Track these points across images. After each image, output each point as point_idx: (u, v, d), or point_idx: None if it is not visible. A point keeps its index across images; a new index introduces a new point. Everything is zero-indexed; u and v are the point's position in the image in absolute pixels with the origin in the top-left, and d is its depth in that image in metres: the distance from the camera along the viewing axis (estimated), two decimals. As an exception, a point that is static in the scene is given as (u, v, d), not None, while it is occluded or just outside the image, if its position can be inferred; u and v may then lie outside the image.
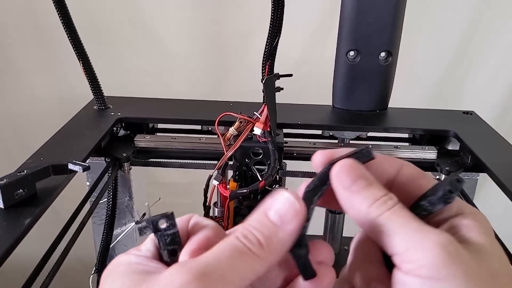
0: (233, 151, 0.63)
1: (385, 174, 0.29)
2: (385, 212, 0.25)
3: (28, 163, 0.55)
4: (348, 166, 0.27)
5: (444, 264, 0.23)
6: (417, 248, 0.24)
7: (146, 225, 0.24)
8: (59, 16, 0.64)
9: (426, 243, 0.24)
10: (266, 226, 0.24)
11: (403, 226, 0.25)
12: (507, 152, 0.65)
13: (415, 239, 0.24)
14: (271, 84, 0.63)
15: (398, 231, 0.25)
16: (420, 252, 0.24)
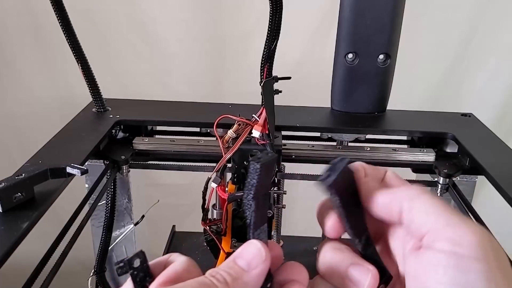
0: (232, 153, 0.63)
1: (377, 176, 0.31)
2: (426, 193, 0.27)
3: (26, 167, 0.55)
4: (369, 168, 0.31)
5: (483, 245, 0.24)
6: (458, 225, 0.25)
7: (123, 265, 0.26)
8: (57, 18, 0.64)
9: (466, 224, 0.25)
10: (234, 269, 0.27)
11: (444, 206, 0.26)
12: (505, 155, 0.65)
13: (455, 218, 0.25)
14: (269, 86, 0.63)
15: (441, 210, 0.26)
16: (461, 230, 0.25)
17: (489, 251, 0.24)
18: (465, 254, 0.24)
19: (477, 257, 0.24)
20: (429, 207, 0.26)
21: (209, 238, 0.67)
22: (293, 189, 0.73)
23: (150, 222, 0.87)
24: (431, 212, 0.26)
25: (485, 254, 0.24)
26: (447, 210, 0.26)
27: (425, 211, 0.26)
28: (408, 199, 0.28)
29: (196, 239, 0.89)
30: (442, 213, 0.26)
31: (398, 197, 0.28)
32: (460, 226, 0.25)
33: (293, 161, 0.70)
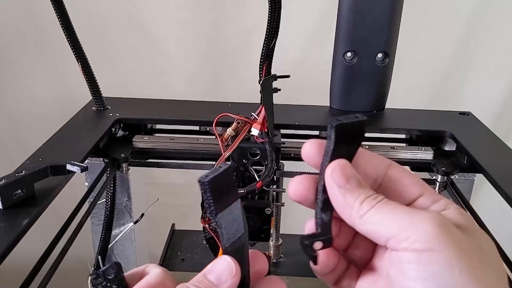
0: (231, 151, 0.63)
1: (374, 171, 0.31)
2: (376, 204, 0.28)
3: (26, 164, 0.55)
4: (341, 166, 0.29)
5: (436, 235, 0.25)
6: (410, 226, 0.26)
7: (96, 276, 0.27)
8: (57, 17, 0.65)
9: (417, 220, 0.26)
10: (204, 283, 0.28)
11: (393, 211, 0.27)
12: (503, 153, 0.65)
13: (406, 219, 0.26)
14: (268, 85, 0.63)
15: (389, 216, 0.27)
16: (413, 229, 0.26)
17: (445, 240, 0.25)
18: (423, 248, 0.25)
19: (435, 249, 0.25)
20: (380, 217, 0.27)
21: (209, 236, 0.67)
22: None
23: (150, 221, 0.87)
24: (383, 223, 0.27)
25: (441, 244, 0.25)
26: (399, 213, 0.27)
27: (379, 223, 0.27)
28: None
29: (196, 237, 0.89)
30: (392, 218, 0.27)
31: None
32: (411, 225, 0.26)
33: (292, 160, 0.70)
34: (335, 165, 0.29)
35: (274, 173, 0.64)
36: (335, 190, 0.29)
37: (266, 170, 0.64)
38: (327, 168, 0.29)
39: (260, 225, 0.65)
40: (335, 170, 0.29)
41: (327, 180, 0.29)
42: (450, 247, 0.25)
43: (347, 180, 0.28)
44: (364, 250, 0.32)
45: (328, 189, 0.29)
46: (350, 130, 0.29)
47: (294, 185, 0.30)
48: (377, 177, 0.30)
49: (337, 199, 0.29)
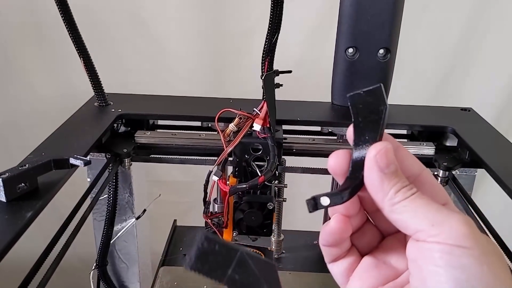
0: (233, 147, 0.63)
1: (409, 169, 0.31)
2: (410, 196, 0.29)
3: (29, 158, 0.56)
4: (387, 149, 0.29)
5: (469, 234, 0.27)
6: (443, 222, 0.27)
7: None
8: (60, 13, 0.65)
9: (451, 219, 0.27)
10: None
11: (427, 206, 0.28)
12: (504, 148, 0.66)
13: (440, 216, 0.28)
14: (270, 80, 0.63)
15: (422, 210, 0.28)
16: (446, 226, 0.27)
17: (475, 240, 0.27)
18: (454, 244, 0.26)
19: (466, 246, 0.26)
20: (412, 209, 0.28)
21: (211, 231, 0.67)
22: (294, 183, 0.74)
23: (152, 217, 0.87)
24: (415, 215, 0.28)
25: (472, 243, 0.26)
26: (431, 209, 0.28)
27: (410, 215, 0.28)
28: None
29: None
30: (425, 213, 0.28)
31: None
32: (445, 222, 0.27)
33: (294, 155, 0.70)
34: (380, 148, 0.29)
35: (276, 168, 0.64)
36: (375, 173, 0.29)
37: (268, 165, 0.64)
38: (371, 150, 0.29)
39: (262, 220, 0.66)
40: (380, 153, 0.29)
41: (368, 161, 0.29)
42: (480, 247, 0.26)
43: (388, 164, 0.29)
44: (370, 238, 0.33)
45: (367, 170, 0.30)
46: (367, 100, 0.30)
47: (335, 156, 0.31)
48: (410, 176, 0.31)
49: (374, 182, 0.29)
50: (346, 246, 0.33)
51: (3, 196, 0.47)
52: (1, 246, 0.41)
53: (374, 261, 0.32)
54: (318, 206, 0.30)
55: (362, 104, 0.30)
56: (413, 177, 0.31)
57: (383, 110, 0.30)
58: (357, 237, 0.33)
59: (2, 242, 0.41)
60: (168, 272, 0.79)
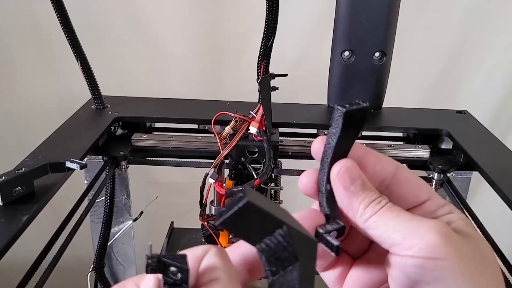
0: (229, 149, 0.64)
1: (383, 172, 0.31)
2: (379, 210, 0.28)
3: (26, 161, 0.56)
4: (348, 167, 0.29)
5: (440, 245, 0.26)
6: (414, 234, 0.26)
7: (156, 263, 0.22)
8: (56, 15, 0.65)
9: (421, 229, 0.26)
10: None
11: (397, 218, 0.28)
12: (498, 151, 0.66)
13: (410, 227, 0.27)
14: (266, 83, 0.64)
15: (392, 224, 0.27)
16: (417, 238, 0.26)
17: (448, 249, 0.26)
18: (427, 256, 0.26)
19: (439, 256, 0.26)
20: (382, 224, 0.28)
21: (207, 233, 0.68)
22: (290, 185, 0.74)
23: (149, 219, 0.88)
24: (386, 229, 0.28)
25: (445, 253, 0.26)
26: (401, 221, 0.27)
27: (382, 230, 0.28)
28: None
29: (194, 235, 0.90)
30: (395, 226, 0.27)
31: None
32: (415, 234, 0.26)
33: (290, 158, 0.70)
34: (341, 166, 0.29)
35: (272, 171, 0.65)
36: (341, 192, 0.29)
37: (264, 168, 0.64)
38: (333, 169, 0.29)
39: (258, 223, 0.66)
40: (341, 172, 0.29)
41: (332, 181, 0.29)
42: (453, 256, 0.26)
43: (352, 181, 0.29)
44: (360, 242, 0.33)
45: (334, 189, 0.29)
46: (355, 117, 0.29)
47: (305, 178, 0.31)
48: (385, 179, 0.31)
49: (342, 200, 0.29)
50: None
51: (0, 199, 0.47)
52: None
53: (365, 265, 0.32)
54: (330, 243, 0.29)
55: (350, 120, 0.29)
56: (389, 178, 0.31)
57: (361, 128, 0.29)
58: (346, 243, 0.33)
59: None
60: (165, 274, 0.80)
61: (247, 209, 0.23)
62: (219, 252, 0.24)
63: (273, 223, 0.24)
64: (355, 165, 0.29)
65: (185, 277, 0.22)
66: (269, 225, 0.24)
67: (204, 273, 0.24)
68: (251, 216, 0.23)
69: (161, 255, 0.22)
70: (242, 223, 0.24)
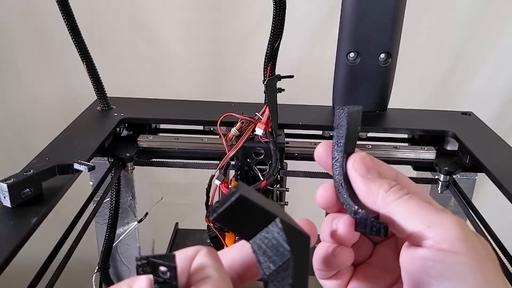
0: (235, 151, 0.64)
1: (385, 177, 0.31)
2: (403, 196, 0.28)
3: (33, 163, 0.56)
4: (362, 157, 0.30)
5: (463, 239, 0.26)
6: (438, 224, 0.27)
7: (146, 264, 0.22)
8: (62, 16, 0.65)
9: (446, 221, 0.27)
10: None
11: (422, 207, 0.28)
12: (504, 152, 0.66)
13: (435, 217, 0.27)
14: (272, 85, 0.64)
15: (417, 212, 0.28)
16: (441, 228, 0.26)
17: (469, 244, 0.26)
18: (449, 249, 0.26)
19: (460, 251, 0.26)
20: (406, 210, 0.28)
21: (213, 234, 0.68)
22: (295, 187, 0.74)
23: (154, 220, 0.88)
24: (410, 216, 0.28)
25: (466, 247, 0.26)
26: (426, 210, 0.28)
27: (405, 215, 0.28)
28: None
29: (199, 236, 0.90)
30: (419, 213, 0.27)
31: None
32: (439, 224, 0.27)
33: (295, 159, 0.71)
34: (356, 156, 0.30)
35: (278, 172, 0.65)
36: (358, 180, 0.30)
37: (270, 169, 0.64)
38: (349, 160, 0.30)
39: (264, 224, 0.66)
40: (356, 161, 0.30)
41: (349, 171, 0.30)
42: (473, 252, 0.26)
43: (368, 170, 0.30)
44: (362, 249, 0.33)
45: (351, 180, 0.30)
46: (354, 118, 0.31)
47: (322, 191, 0.31)
48: None
49: (361, 188, 0.30)
50: None
51: (8, 201, 0.47)
52: (7, 252, 0.41)
53: (367, 272, 0.32)
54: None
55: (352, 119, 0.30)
56: None
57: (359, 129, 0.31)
58: None
59: (7, 248, 0.42)
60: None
61: (240, 203, 0.23)
62: (209, 252, 0.24)
63: (266, 217, 0.24)
64: (368, 156, 0.30)
65: (173, 275, 0.23)
66: (263, 219, 0.24)
67: (195, 272, 0.24)
68: (244, 211, 0.24)
69: (149, 256, 0.22)
70: (236, 217, 0.24)
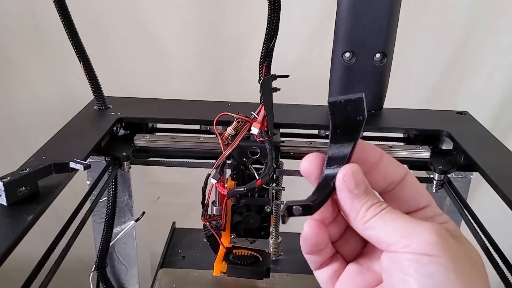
0: (231, 150, 0.64)
1: (393, 175, 0.32)
2: (380, 212, 0.30)
3: (30, 162, 0.56)
4: (353, 171, 0.31)
5: (436, 243, 0.27)
6: (411, 233, 0.28)
7: None
8: (60, 17, 0.65)
9: (419, 229, 0.28)
10: None
11: (396, 219, 0.29)
12: (499, 152, 0.66)
13: (409, 227, 0.29)
14: (268, 84, 0.64)
15: (392, 224, 0.29)
16: (414, 236, 0.28)
17: (443, 247, 0.27)
18: (423, 252, 0.27)
19: (433, 254, 0.27)
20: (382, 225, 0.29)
21: (209, 233, 0.68)
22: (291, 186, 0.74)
23: (151, 219, 0.88)
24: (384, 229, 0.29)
25: (440, 250, 0.27)
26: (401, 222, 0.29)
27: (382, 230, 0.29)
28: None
29: (196, 235, 0.90)
30: (394, 226, 0.29)
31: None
32: (413, 233, 0.28)
33: (291, 158, 0.71)
34: (347, 170, 0.31)
35: (273, 171, 0.65)
36: (345, 194, 0.31)
37: (266, 168, 0.64)
38: (340, 172, 0.31)
39: (260, 223, 0.66)
40: (347, 175, 0.30)
41: (338, 183, 0.31)
42: (448, 254, 0.27)
43: (357, 185, 0.30)
44: (354, 245, 0.34)
45: (338, 191, 0.31)
46: (347, 108, 0.30)
47: (307, 161, 0.33)
48: (393, 182, 0.32)
49: (345, 202, 0.31)
50: (328, 253, 0.33)
51: (4, 200, 0.47)
52: (3, 250, 0.42)
53: (358, 267, 0.33)
54: (291, 214, 0.31)
55: (340, 112, 0.30)
56: (397, 181, 0.32)
57: (361, 121, 0.30)
58: (340, 244, 0.34)
59: (3, 246, 0.42)
60: (167, 274, 0.80)
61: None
62: None
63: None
64: (360, 170, 0.31)
65: None
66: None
67: None
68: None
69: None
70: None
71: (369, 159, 0.32)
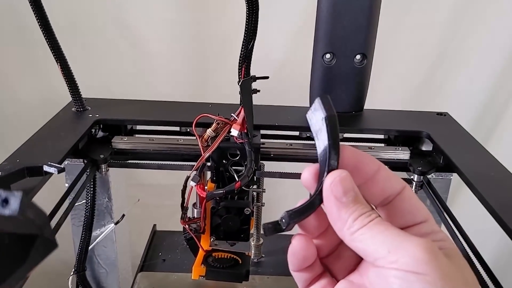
0: (210, 152, 0.63)
1: (391, 189, 0.31)
2: (368, 223, 0.28)
3: (3, 165, 0.55)
4: (341, 178, 0.29)
5: (424, 260, 0.26)
6: (399, 248, 0.27)
7: None
8: (35, 16, 0.64)
9: (407, 244, 0.27)
10: None
11: (385, 232, 0.28)
12: (477, 153, 0.67)
13: (397, 242, 0.27)
14: (247, 86, 0.64)
15: (380, 237, 0.27)
16: (402, 252, 0.26)
17: (432, 264, 0.26)
18: (409, 270, 0.26)
19: (421, 271, 0.26)
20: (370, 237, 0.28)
21: (188, 236, 0.67)
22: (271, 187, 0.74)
23: (132, 222, 0.87)
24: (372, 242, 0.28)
25: (428, 268, 0.26)
26: (389, 235, 0.28)
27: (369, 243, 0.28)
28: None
29: (177, 238, 0.90)
30: (382, 239, 0.28)
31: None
32: (400, 248, 0.27)
33: (272, 160, 0.71)
34: (335, 176, 0.29)
35: (253, 173, 0.65)
36: (331, 202, 0.29)
37: (245, 170, 0.64)
38: (327, 178, 0.29)
39: (240, 225, 0.66)
40: (334, 182, 0.29)
41: (324, 190, 0.29)
42: (437, 272, 0.26)
43: (345, 193, 0.29)
44: (347, 262, 0.32)
45: (324, 198, 0.29)
46: (315, 113, 0.30)
47: (308, 172, 0.31)
48: (390, 195, 0.31)
49: (332, 210, 0.29)
50: (317, 269, 0.32)
51: (-25, 204, 0.46)
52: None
53: (348, 285, 0.31)
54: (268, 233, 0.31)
55: (312, 118, 0.30)
56: (394, 195, 0.31)
57: (325, 120, 0.29)
58: (332, 260, 0.33)
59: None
60: (146, 278, 0.79)
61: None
62: None
63: None
64: (349, 177, 0.29)
65: None
66: None
67: None
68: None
69: None
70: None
71: (365, 171, 0.31)
